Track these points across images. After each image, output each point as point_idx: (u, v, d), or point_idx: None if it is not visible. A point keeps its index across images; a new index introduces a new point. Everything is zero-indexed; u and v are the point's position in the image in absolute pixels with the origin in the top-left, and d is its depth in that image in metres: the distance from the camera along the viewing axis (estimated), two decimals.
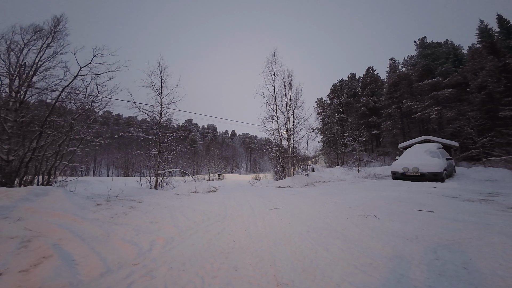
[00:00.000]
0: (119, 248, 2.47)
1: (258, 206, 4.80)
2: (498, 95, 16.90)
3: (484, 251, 2.09)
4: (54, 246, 2.27)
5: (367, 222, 3.25)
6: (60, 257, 2.07)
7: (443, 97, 21.43)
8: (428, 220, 3.23)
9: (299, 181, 10.25)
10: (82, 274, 1.90)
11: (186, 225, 3.34)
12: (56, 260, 2.03)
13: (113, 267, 2.04)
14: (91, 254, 2.24)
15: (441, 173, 8.13)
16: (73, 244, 2.40)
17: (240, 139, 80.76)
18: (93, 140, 6.83)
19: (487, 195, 5.24)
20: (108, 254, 2.28)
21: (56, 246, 2.28)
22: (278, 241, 2.64)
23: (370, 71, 35.64)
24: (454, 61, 24.96)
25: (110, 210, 4.07)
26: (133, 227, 3.16)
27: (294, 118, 13.42)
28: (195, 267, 2.04)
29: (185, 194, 6.96)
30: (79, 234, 2.69)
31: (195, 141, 62.10)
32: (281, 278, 1.81)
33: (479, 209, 3.84)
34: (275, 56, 14.01)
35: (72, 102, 6.43)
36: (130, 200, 5.23)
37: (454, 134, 18.84)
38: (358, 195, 5.69)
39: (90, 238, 2.63)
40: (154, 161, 9.18)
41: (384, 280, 1.70)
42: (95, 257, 2.19)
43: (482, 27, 21.53)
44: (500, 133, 16.14)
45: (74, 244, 2.42)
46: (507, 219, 3.11)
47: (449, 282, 1.62)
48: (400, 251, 2.20)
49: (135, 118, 60.95)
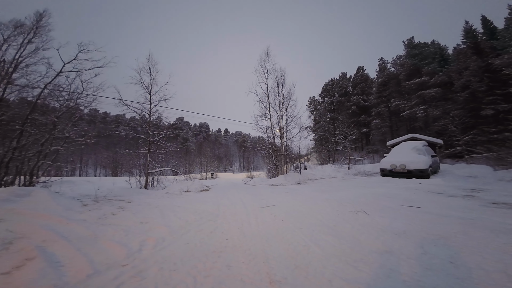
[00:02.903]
0: (107, 249, 2.40)
1: (252, 204, 4.80)
2: (481, 94, 17.67)
3: (469, 245, 2.17)
4: (38, 247, 2.19)
5: (357, 218, 3.32)
6: (45, 259, 2.00)
7: (429, 96, 22.18)
8: (415, 215, 3.34)
9: (292, 179, 10.34)
10: (68, 275, 1.84)
11: (178, 225, 3.28)
12: (40, 262, 1.96)
13: (101, 269, 1.98)
14: (77, 255, 2.17)
15: (427, 170, 8.43)
16: (58, 246, 2.32)
17: (233, 138, 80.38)
18: (79, 139, 6.57)
19: (470, 191, 5.48)
20: (95, 255, 2.22)
21: (40, 248, 2.19)
22: (271, 239, 2.65)
23: (360, 70, 36.30)
24: (440, 61, 25.83)
25: (97, 211, 3.94)
26: (122, 227, 3.08)
27: (287, 117, 13.51)
28: (187, 266, 2.01)
29: (177, 193, 6.86)
30: (64, 236, 2.59)
31: (187, 140, 61.25)
32: (274, 275, 1.81)
33: (463, 204, 4.01)
34: (268, 54, 14.01)
35: (55, 100, 6.15)
36: (119, 200, 5.09)
37: (439, 132, 19.57)
38: (349, 192, 5.81)
39: (76, 239, 2.55)
40: (143, 160, 8.97)
41: (374, 275, 1.74)
42: (82, 258, 2.12)
43: (467, 28, 22.27)
44: (481, 131, 16.92)
45: (59, 245, 2.33)
46: (489, 214, 3.26)
47: (436, 276, 1.67)
48: (389, 246, 2.26)
49: (124, 116, 59.31)
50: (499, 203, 3.97)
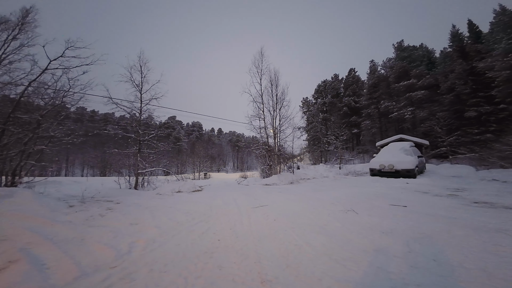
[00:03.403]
0: (95, 251, 2.34)
1: (245, 204, 4.81)
2: (465, 96, 18.43)
3: (452, 243, 2.27)
4: (22, 250, 2.13)
5: (347, 217, 3.39)
6: (29, 261, 1.95)
7: (416, 98, 22.91)
8: (402, 214, 3.45)
9: (285, 179, 10.42)
10: (54, 278, 1.80)
11: (169, 226, 3.24)
12: (25, 264, 1.90)
13: (88, 271, 1.94)
14: (63, 257, 2.12)
15: (413, 170, 8.72)
16: (43, 248, 2.26)
17: (227, 137, 79.80)
18: (65, 138, 6.35)
19: (453, 190, 5.72)
20: (83, 257, 2.17)
21: (24, 250, 2.13)
22: (264, 238, 2.66)
23: (352, 72, 37.00)
24: (427, 64, 26.74)
25: (84, 212, 3.84)
26: (110, 229, 3.01)
27: (281, 117, 13.62)
28: (178, 268, 1.99)
29: (168, 194, 6.76)
30: (49, 238, 2.52)
31: (179, 139, 60.30)
32: (265, 275, 1.83)
33: (447, 203, 4.18)
34: (262, 55, 14.04)
35: (40, 98, 5.92)
36: (107, 201, 4.97)
37: (425, 133, 20.26)
38: (340, 192, 5.92)
39: (62, 242, 2.48)
40: (133, 160, 8.77)
41: (362, 273, 1.79)
42: (68, 260, 2.07)
43: (454, 31, 23.05)
44: (465, 132, 17.67)
45: (44, 247, 2.27)
46: (471, 213, 3.42)
47: (421, 274, 1.74)
48: (377, 245, 2.33)
49: (113, 115, 57.70)
50: (480, 202, 4.17)
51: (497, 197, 4.64)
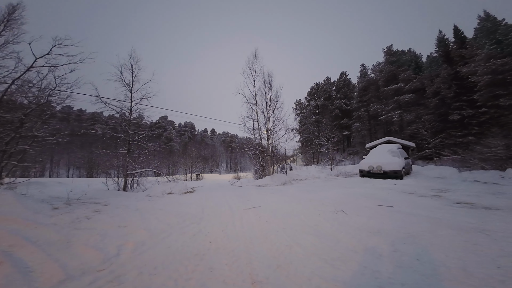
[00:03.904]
0: (81, 254, 2.29)
1: (237, 205, 4.80)
2: (449, 100, 19.22)
3: (434, 243, 2.36)
4: (4, 253, 2.05)
5: (337, 218, 3.47)
6: (12, 265, 1.88)
7: (404, 101, 23.70)
8: (389, 214, 3.57)
9: (278, 180, 10.48)
10: (38, 281, 1.75)
11: (159, 228, 3.20)
12: (7, 267, 1.83)
13: (74, 274, 1.89)
14: (48, 260, 2.06)
15: (400, 171, 9.01)
16: (26, 251, 2.18)
17: (220, 138, 79.19)
18: (49, 138, 6.13)
19: (437, 191, 5.95)
20: (68, 260, 2.11)
21: (6, 253, 2.05)
22: (255, 240, 2.68)
23: (343, 75, 37.79)
24: (415, 68, 27.66)
25: (70, 214, 3.71)
26: (97, 231, 2.93)
27: (274, 118, 13.68)
28: (168, 270, 1.97)
29: (159, 195, 6.65)
30: (33, 240, 2.44)
31: (171, 140, 59.32)
32: (256, 275, 1.84)
33: (431, 204, 4.35)
34: (256, 56, 14.09)
35: (23, 96, 5.69)
36: (94, 203, 4.83)
37: (412, 135, 20.97)
38: (330, 192, 6.03)
39: (46, 244, 2.41)
40: (122, 160, 8.56)
41: (350, 273, 1.84)
42: (53, 264, 2.01)
43: (440, 37, 23.88)
44: (449, 134, 18.43)
45: (27, 250, 2.19)
46: (453, 213, 3.57)
47: (405, 273, 1.81)
48: (364, 244, 2.40)
49: (101, 114, 56.05)
50: (462, 203, 4.37)
51: (478, 197, 4.88)
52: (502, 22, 17.58)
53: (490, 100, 15.91)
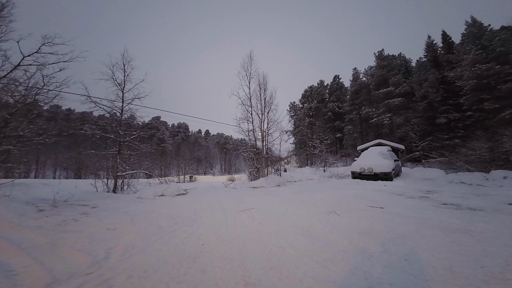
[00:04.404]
0: (68, 257, 2.22)
1: (231, 207, 4.78)
2: (436, 104, 19.86)
3: (421, 243, 2.43)
4: None
5: (329, 219, 3.52)
6: None
7: (394, 105, 24.33)
8: (379, 215, 3.65)
9: (272, 181, 10.51)
10: (23, 285, 1.70)
11: (150, 231, 3.14)
12: None
13: (61, 277, 1.84)
14: (33, 264, 2.00)
15: (390, 173, 9.22)
16: (10, 254, 2.12)
17: (214, 139, 78.55)
18: (35, 138, 5.92)
19: (425, 193, 6.13)
20: (55, 263, 2.05)
21: None
22: (248, 242, 2.68)
23: (336, 79, 38.47)
24: (404, 73, 28.47)
25: (56, 217, 3.60)
26: (85, 234, 2.86)
27: (269, 120, 13.76)
28: (159, 273, 1.94)
29: (150, 197, 6.53)
30: (17, 243, 2.36)
31: (163, 140, 58.41)
32: (248, 277, 1.84)
33: (419, 205, 4.48)
34: (251, 58, 14.16)
35: (9, 95, 5.48)
36: (82, 205, 4.70)
37: (401, 138, 21.54)
38: (323, 194, 6.10)
39: (31, 247, 2.34)
40: (112, 162, 8.37)
41: (341, 273, 1.87)
42: (38, 267, 1.96)
43: (429, 42, 24.64)
44: (436, 137, 19.03)
45: (11, 253, 2.13)
46: (439, 214, 3.69)
47: (393, 273, 1.85)
48: (355, 245, 2.45)
49: (91, 114, 54.55)
50: (448, 204, 4.52)
51: (463, 199, 5.06)
52: (488, 28, 18.30)
53: (475, 104, 16.53)
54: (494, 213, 3.71)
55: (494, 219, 3.31)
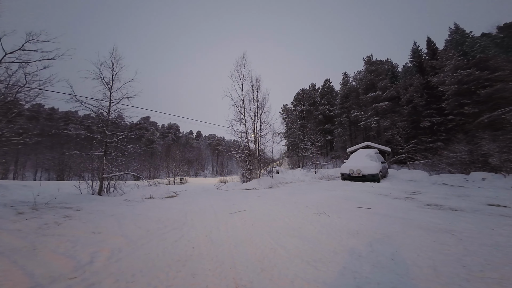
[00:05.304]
0: (50, 261, 2.12)
1: (222, 210, 4.72)
2: (421, 108, 20.74)
3: (406, 243, 2.51)
4: None
5: (319, 220, 3.56)
6: None
7: (381, 108, 25.15)
8: (367, 216, 3.74)
9: (264, 183, 10.53)
10: None
11: (138, 234, 3.05)
12: None
13: (43, 282, 1.76)
14: (12, 268, 1.91)
15: (378, 175, 9.50)
16: None
17: (206, 141, 77.60)
18: (15, 138, 5.63)
19: (410, 194, 6.36)
20: (35, 268, 1.96)
21: None
22: (240, 244, 2.66)
23: (327, 82, 39.25)
24: (391, 78, 29.51)
25: (37, 220, 3.42)
26: (68, 238, 2.74)
27: (261, 122, 13.83)
28: (147, 277, 1.89)
29: (138, 200, 6.35)
30: None
31: (153, 141, 57.06)
32: (240, 280, 1.83)
33: (404, 205, 4.63)
34: (244, 60, 14.21)
35: None
36: (65, 208, 4.50)
37: (388, 141, 22.28)
38: (314, 195, 6.17)
39: (10, 251, 2.23)
40: (98, 163, 8.08)
41: (331, 273, 1.90)
42: (18, 271, 1.87)
43: (415, 48, 25.74)
44: (420, 140, 19.84)
45: None
46: (423, 214, 3.83)
47: (381, 272, 1.90)
48: (344, 245, 2.49)
49: (76, 113, 52.48)
50: (431, 205, 4.70)
51: (445, 200, 5.29)
52: (469, 35, 19.33)
53: (456, 108, 17.37)
54: (474, 213, 3.90)
55: (474, 219, 3.48)
